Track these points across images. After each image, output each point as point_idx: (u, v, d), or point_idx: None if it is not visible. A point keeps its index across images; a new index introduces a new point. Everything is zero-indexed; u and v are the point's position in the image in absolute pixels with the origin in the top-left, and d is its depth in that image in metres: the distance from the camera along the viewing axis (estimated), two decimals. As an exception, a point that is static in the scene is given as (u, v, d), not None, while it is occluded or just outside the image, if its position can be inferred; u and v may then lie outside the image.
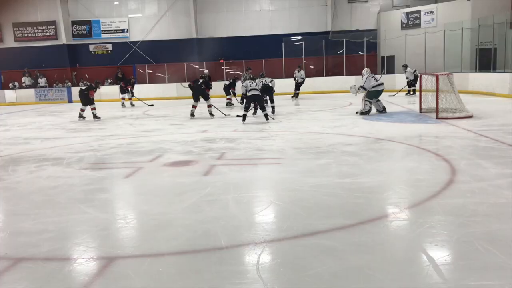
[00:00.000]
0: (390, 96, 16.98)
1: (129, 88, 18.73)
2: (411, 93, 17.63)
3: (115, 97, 20.58)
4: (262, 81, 13.34)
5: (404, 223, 3.89)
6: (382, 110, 12.01)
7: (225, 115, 12.95)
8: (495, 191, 4.60)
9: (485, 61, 18.45)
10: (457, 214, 3.91)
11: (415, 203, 4.36)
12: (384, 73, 19.88)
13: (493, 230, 3.56)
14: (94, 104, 13.67)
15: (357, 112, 11.97)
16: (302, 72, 19.22)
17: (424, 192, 4.66)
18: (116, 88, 21.10)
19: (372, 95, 11.79)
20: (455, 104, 10.77)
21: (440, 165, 5.84)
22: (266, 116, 11.21)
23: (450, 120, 10.03)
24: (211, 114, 12.86)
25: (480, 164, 5.78)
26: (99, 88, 14.47)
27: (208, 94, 13.22)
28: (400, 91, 18.10)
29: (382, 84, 11.91)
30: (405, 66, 18.22)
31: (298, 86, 18.99)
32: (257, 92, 11.40)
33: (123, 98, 18.80)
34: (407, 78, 18.01)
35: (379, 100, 12.04)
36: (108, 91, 22.27)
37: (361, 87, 11.81)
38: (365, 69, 12.82)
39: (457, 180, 5.08)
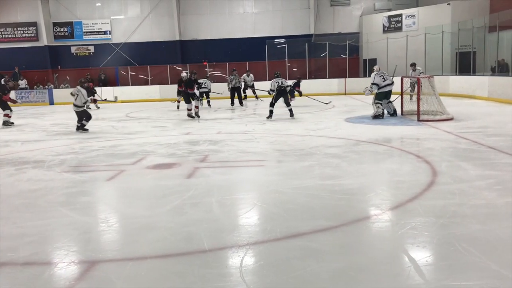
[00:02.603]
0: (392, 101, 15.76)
1: (94, 88, 18.53)
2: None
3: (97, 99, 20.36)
4: (278, 82, 12.10)
5: (386, 225, 3.93)
6: (393, 113, 11.56)
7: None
8: (475, 192, 4.67)
9: (465, 64, 18.76)
10: (438, 215, 3.96)
11: (397, 205, 4.41)
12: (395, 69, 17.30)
13: (473, 231, 3.61)
14: (9, 109, 12.95)
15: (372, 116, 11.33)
16: (252, 76, 19.28)
17: (405, 194, 4.71)
18: (98, 91, 20.93)
19: (381, 96, 11.30)
20: (436, 106, 10.91)
21: (421, 167, 5.91)
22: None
23: (431, 122, 10.17)
24: (195, 115, 12.78)
25: (460, 166, 5.86)
26: (8, 85, 13.71)
27: (192, 95, 12.94)
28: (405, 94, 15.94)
29: (390, 84, 11.33)
30: (414, 65, 16.17)
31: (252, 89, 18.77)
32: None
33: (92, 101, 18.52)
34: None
35: (390, 102, 11.58)
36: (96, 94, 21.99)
37: (372, 84, 11.36)
38: (375, 66, 12.55)
39: (438, 181, 5.15)
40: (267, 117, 12.08)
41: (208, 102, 17.58)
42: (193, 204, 4.61)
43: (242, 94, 18.07)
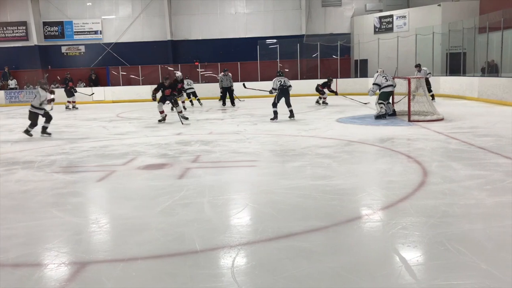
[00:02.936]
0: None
1: (73, 88, 18.57)
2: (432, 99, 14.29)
3: (88, 99, 20.28)
4: (281, 81, 11.71)
5: (377, 225, 3.94)
6: (392, 113, 11.57)
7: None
8: (465, 192, 4.71)
9: (455, 65, 18.90)
10: (429, 215, 3.98)
11: (388, 205, 4.42)
12: (396, 71, 16.45)
13: (464, 231, 3.64)
14: None
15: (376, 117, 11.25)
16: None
17: (396, 194, 4.73)
18: (88, 90, 20.87)
19: (384, 96, 11.31)
20: (427, 107, 10.98)
21: (412, 167, 5.95)
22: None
23: (421, 122, 10.22)
24: (181, 118, 12.19)
25: (450, 166, 5.90)
26: None
27: (166, 98, 12.32)
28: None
29: (391, 85, 11.32)
30: (419, 66, 15.83)
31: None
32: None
33: (69, 102, 18.49)
34: None
35: (389, 103, 11.60)
36: (80, 93, 21.93)
37: (374, 84, 11.41)
38: (379, 68, 12.54)
39: (429, 181, 5.18)
40: (272, 119, 11.65)
41: (199, 100, 17.55)
42: (184, 205, 4.60)
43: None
